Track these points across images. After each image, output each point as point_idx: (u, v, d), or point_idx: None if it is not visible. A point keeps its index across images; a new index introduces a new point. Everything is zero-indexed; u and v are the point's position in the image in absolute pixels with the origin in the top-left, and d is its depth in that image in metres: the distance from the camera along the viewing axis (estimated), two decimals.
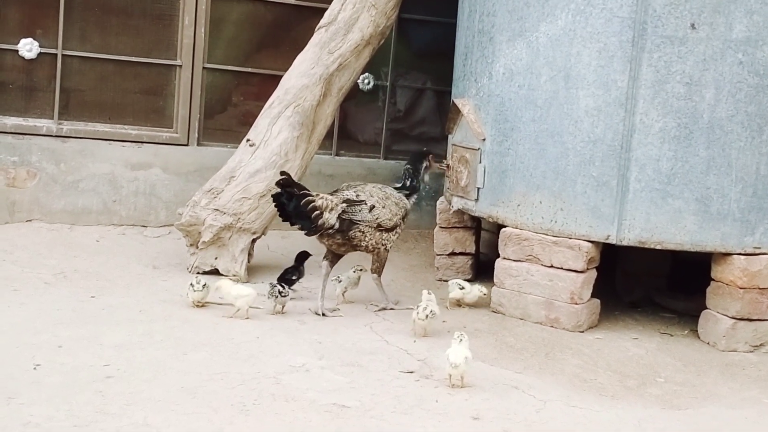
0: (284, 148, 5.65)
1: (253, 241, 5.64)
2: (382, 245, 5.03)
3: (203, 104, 6.79)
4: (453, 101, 5.77)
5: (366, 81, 7.20)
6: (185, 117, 6.73)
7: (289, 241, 6.63)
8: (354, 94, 6.87)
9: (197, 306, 4.89)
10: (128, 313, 4.70)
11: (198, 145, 6.79)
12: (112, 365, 3.93)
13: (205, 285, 4.86)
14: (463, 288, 5.26)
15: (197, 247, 5.58)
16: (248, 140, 5.73)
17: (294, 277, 5.22)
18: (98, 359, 3.99)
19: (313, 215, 4.78)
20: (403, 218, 5.15)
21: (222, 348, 4.28)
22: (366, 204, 4.97)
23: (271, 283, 4.94)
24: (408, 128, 7.68)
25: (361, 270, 5.21)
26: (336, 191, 5.07)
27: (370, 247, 5.00)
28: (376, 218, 4.97)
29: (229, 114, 7.07)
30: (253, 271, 5.64)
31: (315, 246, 5.25)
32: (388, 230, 5.04)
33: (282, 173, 4.94)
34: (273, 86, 5.92)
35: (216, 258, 5.57)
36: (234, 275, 5.50)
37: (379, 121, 7.48)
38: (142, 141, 6.65)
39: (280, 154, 5.64)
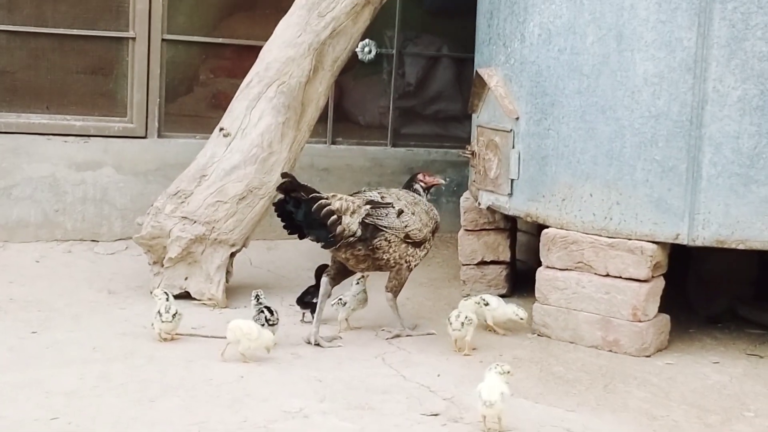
0: (267, 137, 5.67)
1: (232, 255, 5.67)
2: (406, 262, 5.07)
3: (163, 85, 6.83)
4: (477, 71, 5.78)
5: (367, 49, 7.22)
6: (141, 102, 6.76)
7: (277, 253, 6.66)
8: (352, 66, 6.89)
9: (165, 339, 4.90)
10: (79, 351, 4.71)
11: (159, 137, 6.82)
12: (61, 418, 3.93)
13: (176, 314, 4.87)
14: (488, 304, 5.24)
15: (162, 266, 5.60)
16: (222, 129, 5.75)
17: (315, 300, 5.21)
18: (45, 411, 3.99)
19: (329, 221, 4.77)
20: (432, 232, 5.19)
21: (198, 392, 4.29)
22: (393, 207, 5.00)
23: (258, 306, 4.95)
24: (421, 106, 7.70)
25: (364, 279, 5.22)
26: (355, 194, 5.10)
27: (392, 262, 5.02)
28: (405, 226, 5.00)
29: (196, 96, 7.10)
30: (233, 293, 5.65)
31: (323, 258, 5.26)
32: (416, 245, 5.07)
33: (284, 175, 4.95)
34: (251, 60, 5.95)
35: (186, 278, 5.59)
36: (209, 299, 5.52)
37: (385, 98, 7.49)
38: (88, 134, 6.69)
39: (262, 145, 5.66)
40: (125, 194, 6.66)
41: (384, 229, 4.95)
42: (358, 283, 5.22)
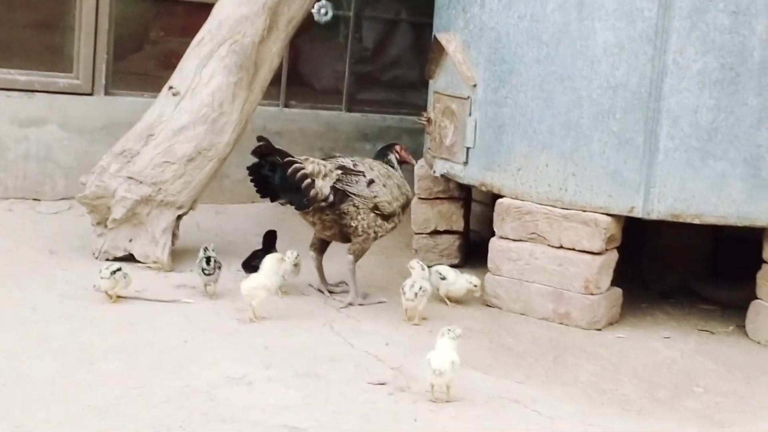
0: (218, 97, 5.62)
1: (179, 217, 5.62)
2: (374, 232, 5.12)
3: (112, 41, 6.73)
4: (435, 36, 5.75)
5: (323, 11, 7.14)
6: (88, 58, 6.67)
7: (225, 217, 6.62)
8: (308, 27, 6.83)
9: (110, 300, 4.86)
10: (17, 311, 4.66)
11: (106, 94, 6.74)
12: None
13: (116, 271, 4.84)
14: (445, 278, 5.27)
15: (106, 227, 5.54)
16: (171, 88, 5.68)
17: None
18: None
19: (303, 185, 4.84)
20: (403, 207, 5.24)
21: (140, 356, 4.26)
22: (365, 176, 5.06)
23: (204, 257, 5.03)
24: (377, 71, 7.66)
25: (297, 255, 5.29)
26: (329, 158, 5.14)
27: (360, 230, 5.07)
28: (375, 196, 5.06)
29: (145, 54, 7.01)
30: (179, 257, 5.61)
31: (272, 223, 5.27)
32: (385, 217, 5.11)
33: (260, 138, 4.94)
34: (202, 18, 5.88)
35: (131, 240, 5.53)
36: (154, 262, 5.48)
37: (341, 62, 7.45)
38: (33, 89, 6.58)
39: (213, 105, 5.60)
40: (70, 152, 6.58)
41: (353, 196, 4.99)
42: (292, 252, 5.27)
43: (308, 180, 4.86)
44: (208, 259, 5.03)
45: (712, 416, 4.26)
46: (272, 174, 4.89)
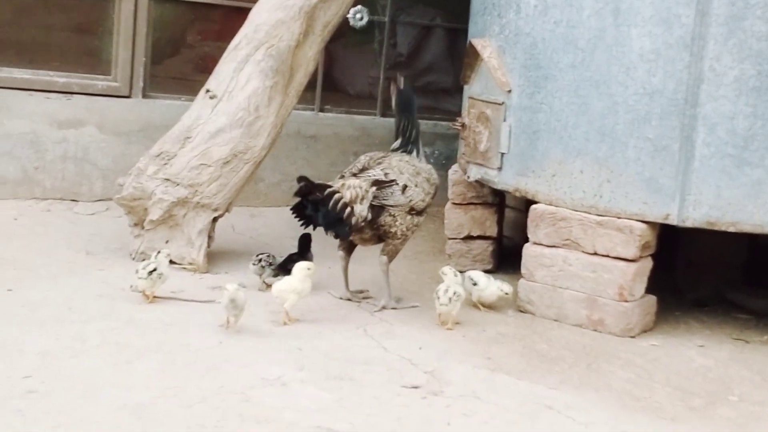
0: (254, 101, 5.63)
1: (215, 219, 5.64)
2: (411, 232, 5.16)
3: (150, 45, 6.78)
4: (470, 42, 5.75)
5: (358, 16, 7.17)
6: (127, 61, 6.71)
7: (260, 220, 6.64)
8: (343, 32, 6.85)
9: (146, 301, 4.88)
10: (55, 311, 4.68)
11: (143, 97, 6.78)
12: (34, 377, 3.92)
13: (153, 271, 4.86)
14: (476, 284, 5.26)
15: (143, 228, 5.57)
16: (208, 91, 5.71)
17: None
18: (17, 370, 3.97)
19: (345, 215, 4.85)
20: (432, 197, 5.26)
21: (176, 356, 4.28)
22: (398, 184, 5.06)
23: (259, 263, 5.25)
24: (412, 76, 7.65)
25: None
26: (360, 172, 5.09)
27: (399, 234, 5.09)
28: (410, 201, 5.08)
29: (183, 58, 7.05)
30: (214, 258, 5.63)
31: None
32: (419, 213, 5.14)
33: (300, 179, 4.92)
34: (239, 23, 5.90)
35: (167, 241, 5.56)
36: (190, 263, 5.50)
37: (375, 67, 7.46)
38: (71, 91, 6.63)
39: (249, 108, 5.62)
40: (107, 154, 6.63)
41: (390, 207, 5.01)
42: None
43: (348, 209, 4.85)
44: (259, 254, 5.31)
45: (747, 425, 4.22)
46: (315, 213, 4.88)
